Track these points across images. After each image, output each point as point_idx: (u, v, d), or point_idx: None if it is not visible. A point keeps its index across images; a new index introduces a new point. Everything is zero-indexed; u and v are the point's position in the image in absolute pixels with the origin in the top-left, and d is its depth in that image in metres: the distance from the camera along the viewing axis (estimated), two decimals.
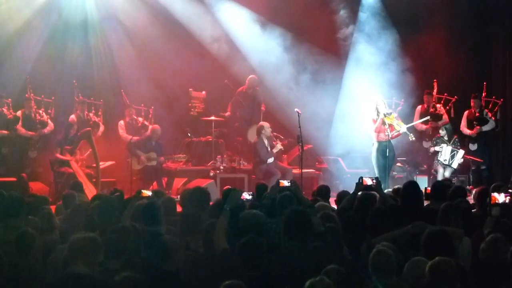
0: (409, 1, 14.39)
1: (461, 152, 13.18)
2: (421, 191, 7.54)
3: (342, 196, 7.90)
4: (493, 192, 6.90)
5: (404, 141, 12.61)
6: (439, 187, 7.81)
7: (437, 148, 13.26)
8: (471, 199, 8.66)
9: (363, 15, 14.40)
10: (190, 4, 14.37)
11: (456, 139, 13.35)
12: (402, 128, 12.07)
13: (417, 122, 13.51)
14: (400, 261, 5.16)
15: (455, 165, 13.16)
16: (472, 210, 7.58)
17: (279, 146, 13.08)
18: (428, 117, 13.53)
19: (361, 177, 7.45)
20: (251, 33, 14.29)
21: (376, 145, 12.08)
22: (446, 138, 13.27)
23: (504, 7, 14.55)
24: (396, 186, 8.84)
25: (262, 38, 14.29)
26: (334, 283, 4.51)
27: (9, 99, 13.00)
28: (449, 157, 13.14)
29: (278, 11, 14.40)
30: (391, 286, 4.83)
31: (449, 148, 13.16)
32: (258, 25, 14.29)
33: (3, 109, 12.86)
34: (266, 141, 12.97)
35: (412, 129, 12.93)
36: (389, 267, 4.99)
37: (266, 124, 13.10)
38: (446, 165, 13.16)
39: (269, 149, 12.93)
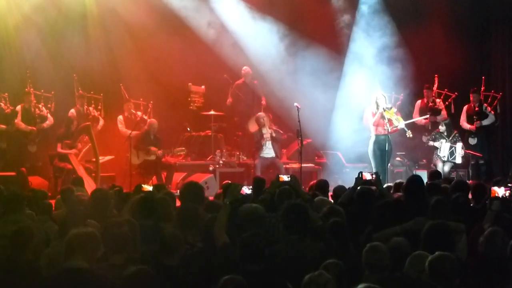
0: None
1: (459, 145, 13.16)
2: (425, 185, 7.52)
3: (338, 191, 7.88)
4: (494, 186, 6.89)
5: (403, 136, 12.60)
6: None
7: (436, 144, 13.24)
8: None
9: (362, 7, 14.38)
10: None
11: (457, 134, 13.33)
12: (401, 124, 12.06)
13: (416, 119, 13.49)
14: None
15: (458, 160, 13.13)
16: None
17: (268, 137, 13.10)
18: (428, 114, 13.50)
19: (361, 172, 7.48)
20: (251, 27, 14.27)
21: (373, 138, 12.06)
22: (445, 134, 13.24)
23: (503, 3, 14.53)
24: (398, 181, 8.81)
25: (262, 32, 14.27)
26: (333, 277, 4.50)
27: (6, 94, 12.96)
28: (447, 154, 13.12)
29: (276, 3, 14.39)
30: (383, 282, 4.80)
31: (448, 144, 13.14)
32: (258, 18, 14.26)
33: (0, 103, 12.82)
34: (263, 131, 12.97)
35: (411, 124, 12.92)
36: (382, 264, 4.98)
37: (261, 115, 13.14)
38: (445, 161, 13.15)
39: (264, 136, 12.95)
